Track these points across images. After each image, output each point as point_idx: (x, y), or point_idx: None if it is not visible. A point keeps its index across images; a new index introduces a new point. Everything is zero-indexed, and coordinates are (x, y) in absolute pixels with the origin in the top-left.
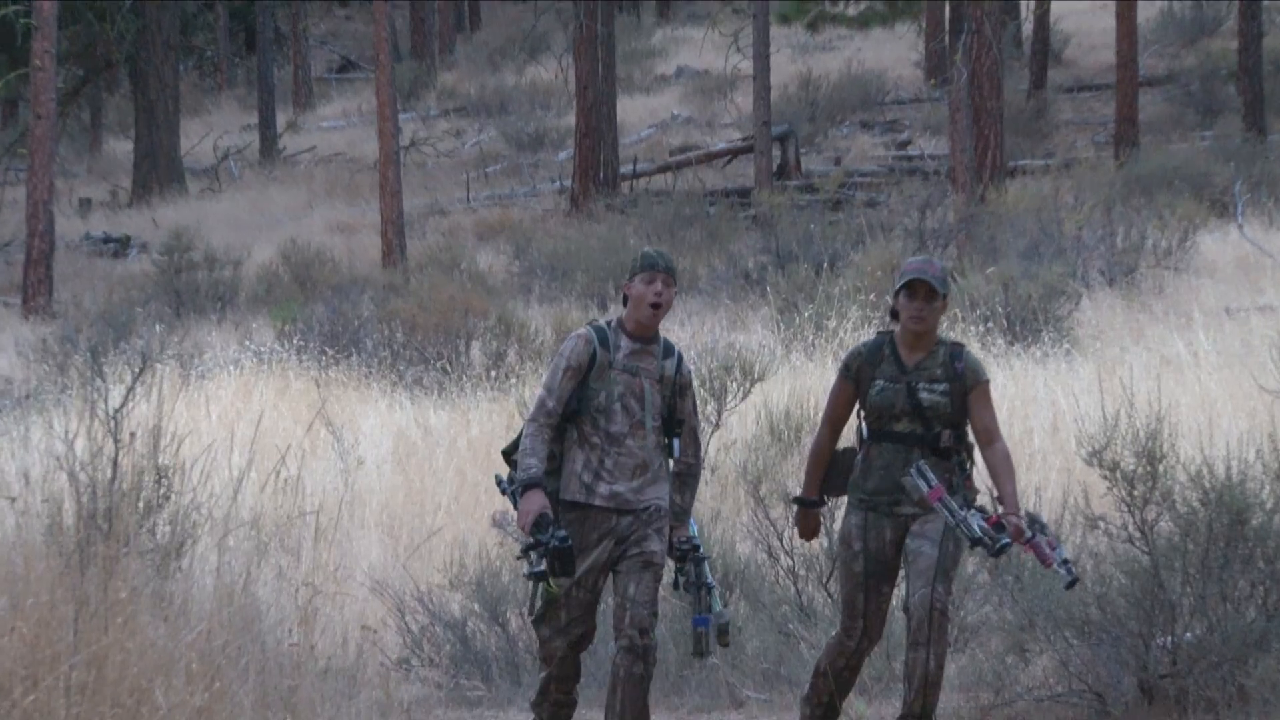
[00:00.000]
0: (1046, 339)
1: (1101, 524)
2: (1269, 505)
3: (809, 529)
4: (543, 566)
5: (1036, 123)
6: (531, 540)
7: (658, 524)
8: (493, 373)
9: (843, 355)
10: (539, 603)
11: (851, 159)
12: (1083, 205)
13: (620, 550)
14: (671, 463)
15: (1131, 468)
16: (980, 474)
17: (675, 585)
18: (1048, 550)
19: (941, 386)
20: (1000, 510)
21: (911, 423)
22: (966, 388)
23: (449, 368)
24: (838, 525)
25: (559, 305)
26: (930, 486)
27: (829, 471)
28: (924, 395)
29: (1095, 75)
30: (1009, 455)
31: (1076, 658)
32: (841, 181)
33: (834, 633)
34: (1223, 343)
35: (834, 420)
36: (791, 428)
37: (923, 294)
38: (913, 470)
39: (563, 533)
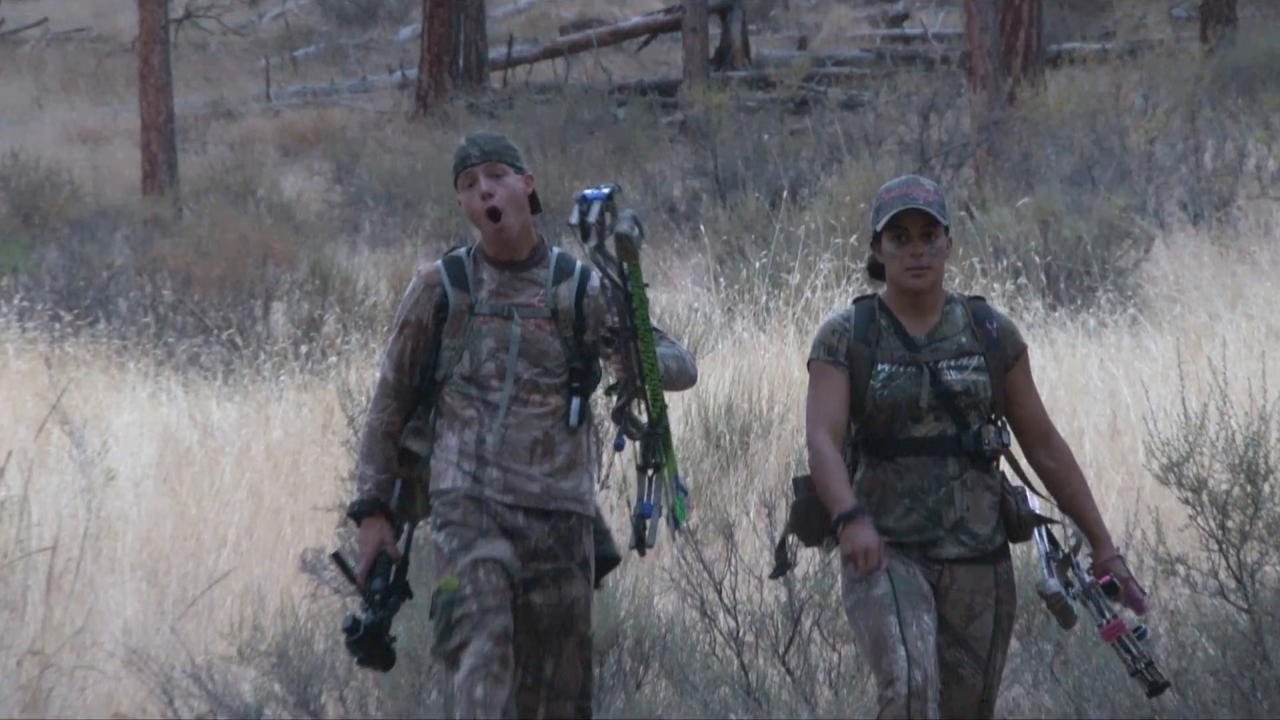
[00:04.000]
0: (1103, 301)
1: (1181, 568)
2: None
3: (870, 541)
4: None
5: None
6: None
7: (581, 551)
8: (303, 348)
9: (814, 334)
10: (437, 613)
11: (823, 41)
12: (1156, 108)
13: (527, 575)
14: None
15: (1224, 488)
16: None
17: (637, 541)
18: (1136, 588)
19: (974, 361)
20: (1091, 558)
21: (939, 420)
22: (1008, 359)
23: (240, 340)
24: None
25: (399, 250)
26: (1107, 622)
27: (806, 515)
28: (952, 377)
29: None
30: (1072, 456)
31: None
32: (809, 73)
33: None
34: None
35: (833, 422)
36: (736, 429)
37: (918, 230)
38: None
39: (370, 616)
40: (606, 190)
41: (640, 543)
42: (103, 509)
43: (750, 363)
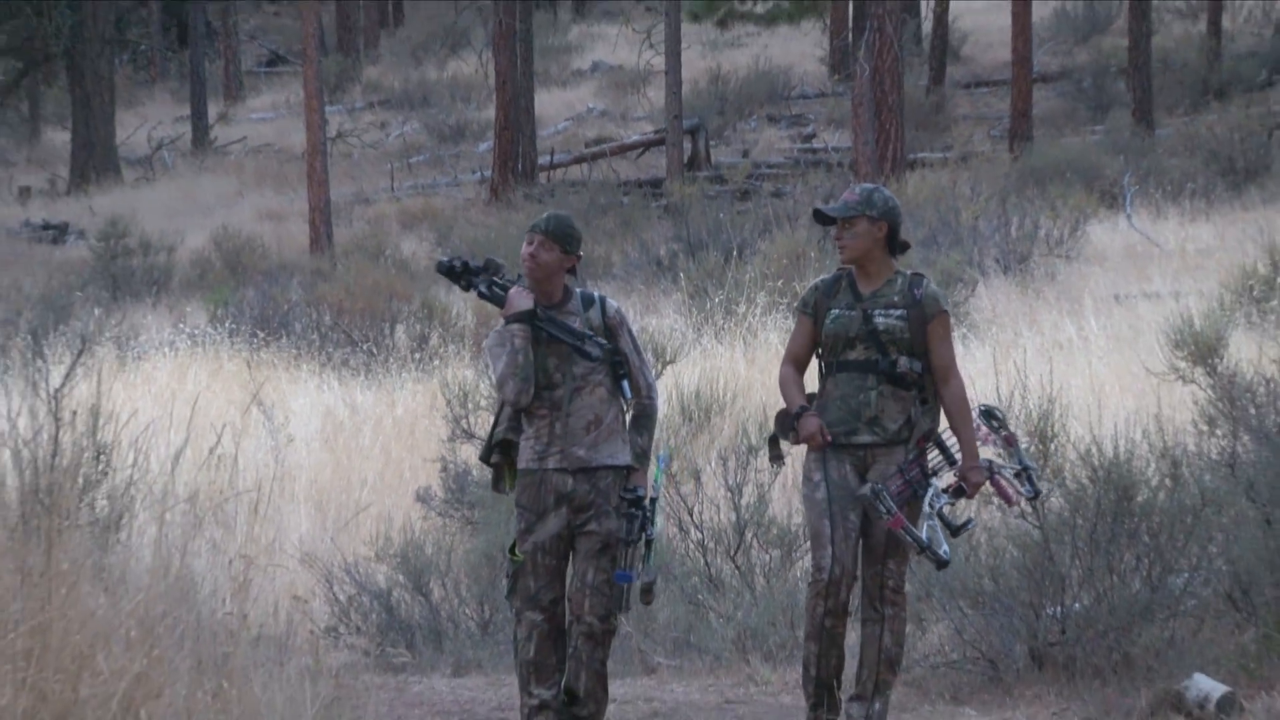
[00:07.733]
0: None
1: (995, 500)
2: (1154, 482)
3: (815, 430)
4: (485, 288)
5: (935, 117)
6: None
7: (613, 494)
8: (416, 354)
9: (800, 295)
10: (509, 574)
11: (759, 151)
12: (979, 196)
13: (578, 523)
14: (627, 405)
15: (1025, 446)
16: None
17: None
18: (1009, 489)
19: (898, 312)
20: (958, 467)
21: (867, 349)
22: (926, 316)
23: (375, 350)
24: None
25: None
26: (890, 514)
27: (781, 418)
28: (879, 320)
29: (992, 71)
30: (964, 395)
31: (971, 626)
32: (749, 172)
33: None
34: (1112, 328)
35: (795, 356)
36: (701, 408)
37: (839, 220)
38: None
39: (505, 277)
40: (632, 573)
41: (618, 607)
42: (285, 461)
43: (712, 364)
